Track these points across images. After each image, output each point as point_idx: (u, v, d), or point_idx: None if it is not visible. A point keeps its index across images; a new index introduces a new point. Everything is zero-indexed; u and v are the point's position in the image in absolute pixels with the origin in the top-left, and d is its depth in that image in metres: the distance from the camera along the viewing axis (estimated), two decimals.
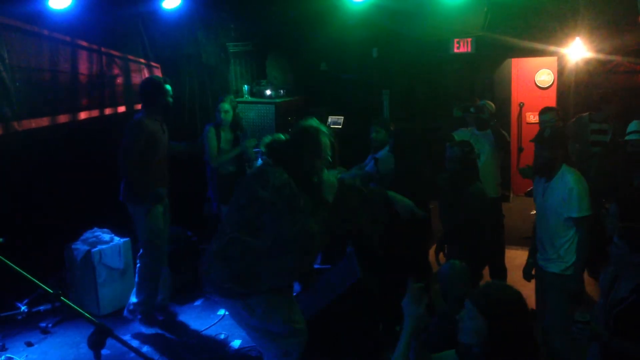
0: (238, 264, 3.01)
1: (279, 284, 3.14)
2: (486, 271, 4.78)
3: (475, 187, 4.27)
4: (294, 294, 5.01)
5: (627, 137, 5.02)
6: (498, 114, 5.92)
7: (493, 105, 5.77)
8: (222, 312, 5.21)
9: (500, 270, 5.19)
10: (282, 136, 3.24)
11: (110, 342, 2.26)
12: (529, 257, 4.19)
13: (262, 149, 3.25)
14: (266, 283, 3.05)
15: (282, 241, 2.93)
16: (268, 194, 2.94)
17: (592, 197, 3.82)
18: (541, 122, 5.45)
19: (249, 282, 3.02)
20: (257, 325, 3.19)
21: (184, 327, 4.97)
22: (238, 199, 3.16)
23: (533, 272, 4.13)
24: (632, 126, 5.02)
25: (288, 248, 2.95)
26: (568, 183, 3.67)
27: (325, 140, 3.14)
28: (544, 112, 5.52)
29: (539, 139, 4.08)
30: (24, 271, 2.27)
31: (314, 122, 3.21)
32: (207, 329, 4.93)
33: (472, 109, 5.60)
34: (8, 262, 2.24)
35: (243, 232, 3.01)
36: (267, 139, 3.21)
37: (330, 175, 3.15)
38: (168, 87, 4.85)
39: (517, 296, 2.18)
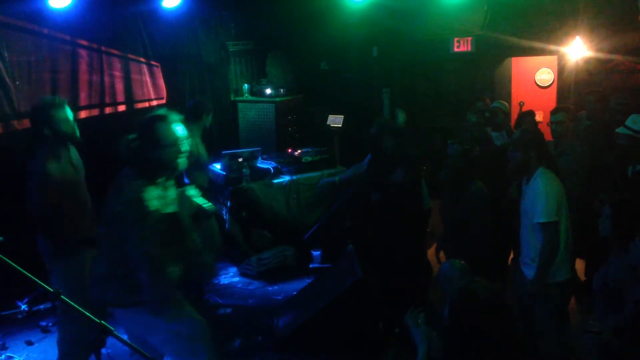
0: (129, 278, 2.82)
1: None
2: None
3: (475, 185, 4.27)
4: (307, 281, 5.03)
5: (617, 130, 4.87)
6: None
7: (507, 104, 5.72)
8: (221, 312, 5.20)
9: (502, 271, 5.16)
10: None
11: (110, 341, 2.26)
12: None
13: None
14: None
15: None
16: (121, 208, 2.80)
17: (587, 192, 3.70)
18: (551, 123, 5.12)
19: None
20: (170, 328, 3.00)
21: None
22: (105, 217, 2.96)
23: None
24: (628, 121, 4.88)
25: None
26: (538, 187, 3.54)
27: (167, 128, 2.85)
28: (554, 111, 5.22)
29: (509, 142, 3.92)
30: (25, 270, 2.27)
31: (161, 111, 2.97)
32: None
33: (486, 114, 5.60)
34: (8, 260, 2.24)
35: (116, 251, 2.83)
36: (124, 140, 2.94)
37: (192, 191, 3.06)
38: (67, 110, 3.69)
39: (489, 294, 2.12)
